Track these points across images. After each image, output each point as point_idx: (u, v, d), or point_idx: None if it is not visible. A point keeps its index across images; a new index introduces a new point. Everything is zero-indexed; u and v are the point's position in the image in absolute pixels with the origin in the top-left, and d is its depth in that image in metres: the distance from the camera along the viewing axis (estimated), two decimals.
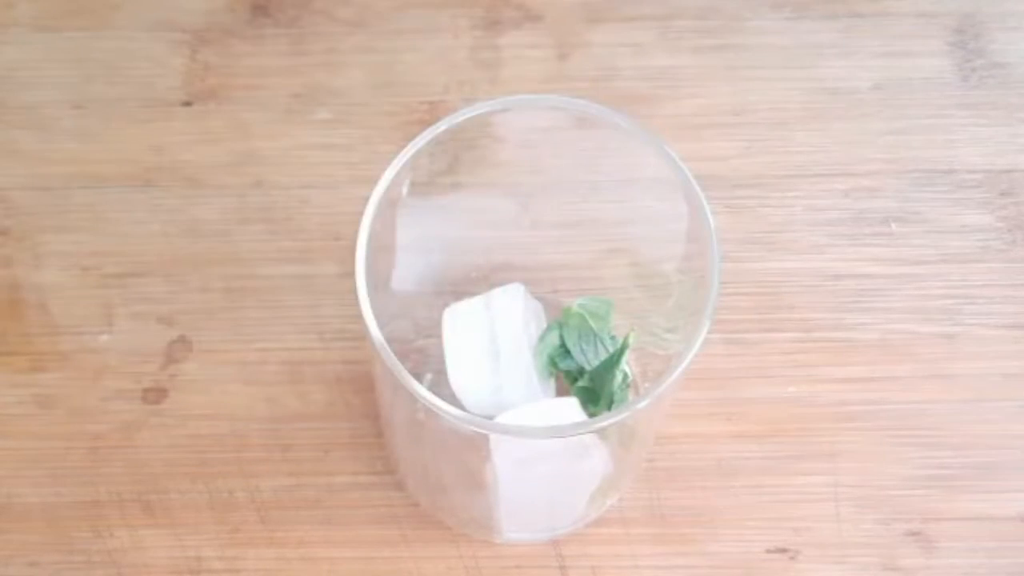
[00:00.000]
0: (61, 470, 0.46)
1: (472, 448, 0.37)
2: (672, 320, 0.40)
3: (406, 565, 0.45)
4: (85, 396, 0.47)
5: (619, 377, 0.39)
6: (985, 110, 0.52)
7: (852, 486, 0.46)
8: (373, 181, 0.37)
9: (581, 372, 0.40)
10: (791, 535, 0.46)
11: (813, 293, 0.49)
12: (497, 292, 0.40)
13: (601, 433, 0.37)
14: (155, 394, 0.47)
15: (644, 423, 0.39)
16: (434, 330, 0.41)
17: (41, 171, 0.51)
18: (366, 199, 0.36)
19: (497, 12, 0.54)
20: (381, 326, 0.35)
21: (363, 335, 0.36)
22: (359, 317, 0.36)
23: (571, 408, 0.39)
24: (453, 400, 0.39)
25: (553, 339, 0.40)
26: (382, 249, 0.38)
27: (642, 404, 0.35)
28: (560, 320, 0.41)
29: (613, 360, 0.40)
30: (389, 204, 0.38)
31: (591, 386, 0.40)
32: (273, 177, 0.51)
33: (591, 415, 0.40)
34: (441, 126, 0.37)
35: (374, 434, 0.47)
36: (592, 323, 0.40)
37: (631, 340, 0.39)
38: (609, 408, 0.40)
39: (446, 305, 0.41)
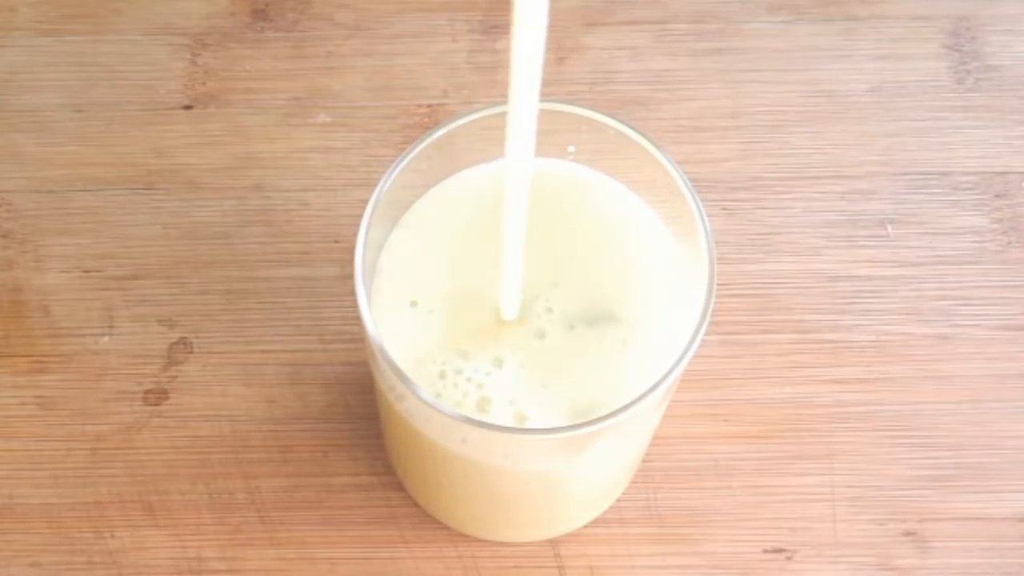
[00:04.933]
0: (62, 471, 0.47)
1: (469, 447, 0.37)
2: (667, 322, 0.40)
3: (405, 565, 0.45)
4: (86, 397, 0.48)
5: None
6: (980, 113, 0.53)
7: (848, 486, 0.47)
8: (372, 184, 0.37)
9: None
10: (787, 535, 0.46)
11: (809, 295, 0.49)
12: None
13: (597, 434, 0.37)
14: (156, 395, 0.48)
15: (641, 424, 0.39)
16: None
17: (42, 174, 0.51)
18: (365, 202, 0.37)
19: (495, 16, 0.54)
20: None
21: (362, 337, 0.37)
22: (358, 319, 0.36)
23: None
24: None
25: None
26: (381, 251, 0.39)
27: (639, 405, 0.35)
28: None
29: None
30: (388, 207, 0.38)
31: None
32: (273, 180, 0.51)
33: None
34: (440, 130, 0.38)
35: (373, 435, 0.47)
36: None
37: None
38: None
39: None
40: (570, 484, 0.41)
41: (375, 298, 0.38)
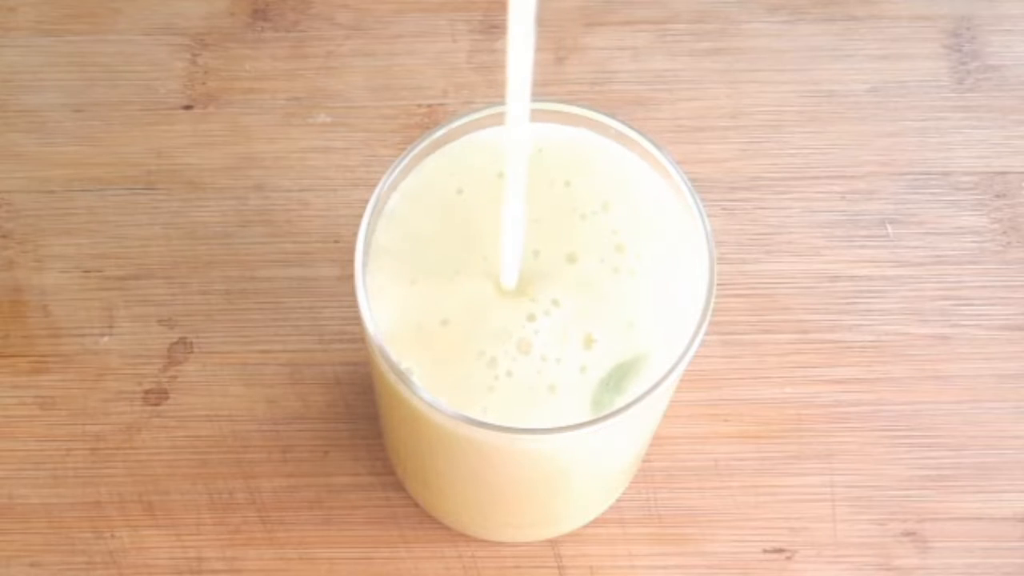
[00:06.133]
0: (62, 471, 0.47)
1: (471, 447, 0.37)
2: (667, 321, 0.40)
3: (405, 565, 0.45)
4: (86, 398, 0.48)
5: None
6: (980, 113, 0.53)
7: (848, 486, 0.47)
8: (372, 184, 0.37)
9: None
10: (787, 535, 0.46)
11: (809, 295, 0.49)
12: None
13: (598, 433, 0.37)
14: (156, 395, 0.48)
15: (641, 424, 0.39)
16: None
17: (42, 174, 0.51)
18: (365, 202, 0.37)
19: (495, 16, 0.54)
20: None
21: (362, 337, 0.37)
22: (358, 319, 0.36)
23: None
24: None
25: None
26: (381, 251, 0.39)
27: (639, 405, 0.35)
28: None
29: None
30: (388, 206, 0.38)
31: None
32: (273, 180, 0.51)
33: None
34: (440, 130, 0.38)
35: (374, 435, 0.47)
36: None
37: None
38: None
39: None
40: (571, 478, 0.41)
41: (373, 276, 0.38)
